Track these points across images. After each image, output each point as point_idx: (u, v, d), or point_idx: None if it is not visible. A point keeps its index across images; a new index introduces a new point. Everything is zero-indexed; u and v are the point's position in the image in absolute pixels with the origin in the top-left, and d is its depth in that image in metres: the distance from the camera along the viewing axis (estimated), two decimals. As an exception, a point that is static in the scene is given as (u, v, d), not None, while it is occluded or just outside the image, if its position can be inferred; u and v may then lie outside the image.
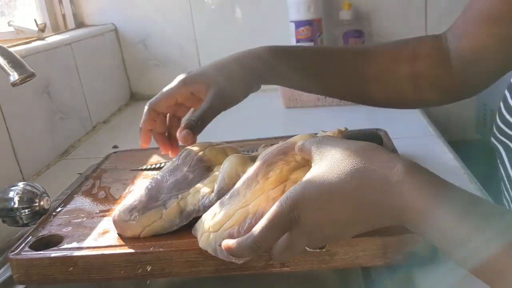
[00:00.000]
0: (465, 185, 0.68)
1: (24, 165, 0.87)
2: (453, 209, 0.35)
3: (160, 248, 0.52)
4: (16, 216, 0.61)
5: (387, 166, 0.38)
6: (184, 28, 1.30)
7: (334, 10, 1.24)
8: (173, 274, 0.53)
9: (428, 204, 0.36)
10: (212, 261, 0.51)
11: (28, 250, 0.55)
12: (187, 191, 0.56)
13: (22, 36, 1.11)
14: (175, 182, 0.58)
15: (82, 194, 0.69)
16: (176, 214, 0.55)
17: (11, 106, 0.85)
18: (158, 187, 0.58)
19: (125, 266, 0.53)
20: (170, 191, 0.57)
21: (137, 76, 1.36)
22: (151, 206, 0.56)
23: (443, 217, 0.35)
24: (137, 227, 0.55)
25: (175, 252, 0.52)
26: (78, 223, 0.60)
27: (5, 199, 0.61)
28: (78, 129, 1.09)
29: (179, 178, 0.58)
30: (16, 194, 0.61)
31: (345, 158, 0.40)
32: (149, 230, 0.55)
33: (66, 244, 0.56)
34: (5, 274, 0.60)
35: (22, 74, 0.62)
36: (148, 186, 0.58)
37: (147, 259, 0.52)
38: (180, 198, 0.56)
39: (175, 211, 0.55)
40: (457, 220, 0.35)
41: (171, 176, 0.59)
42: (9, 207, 0.60)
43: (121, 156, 0.83)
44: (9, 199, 0.61)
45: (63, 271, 0.53)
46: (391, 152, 0.43)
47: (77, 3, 1.29)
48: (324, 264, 0.51)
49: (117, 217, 0.57)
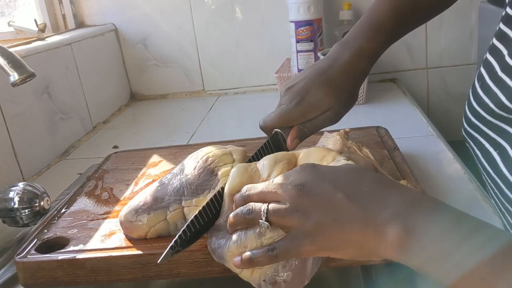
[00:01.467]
0: (465, 185, 0.68)
1: (24, 165, 0.87)
2: (435, 227, 0.36)
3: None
4: (16, 216, 0.61)
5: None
6: (184, 28, 1.30)
7: (334, 10, 1.24)
8: (181, 275, 0.53)
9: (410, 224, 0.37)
10: None
11: (34, 253, 0.55)
12: (190, 200, 0.57)
13: (22, 36, 1.11)
14: (179, 185, 0.58)
15: (85, 195, 0.69)
16: (180, 219, 0.56)
17: (11, 106, 0.85)
18: (163, 189, 0.58)
19: (132, 268, 0.53)
20: (175, 194, 0.57)
21: (137, 76, 1.37)
22: (156, 207, 0.56)
23: (425, 237, 0.35)
24: (143, 228, 0.55)
25: (183, 253, 0.51)
26: (83, 225, 0.60)
27: (5, 199, 0.61)
28: (78, 129, 1.09)
29: (183, 182, 0.58)
30: (16, 194, 0.61)
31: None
32: (154, 230, 0.55)
33: (72, 246, 0.56)
34: (5, 275, 0.60)
35: (22, 74, 0.62)
36: (153, 188, 0.59)
37: (155, 261, 0.52)
38: (184, 207, 0.56)
39: (179, 217, 0.56)
40: (440, 237, 0.35)
41: (176, 179, 0.59)
42: (9, 207, 0.60)
43: (122, 156, 0.83)
44: (9, 199, 0.61)
45: (70, 274, 0.53)
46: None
47: (77, 3, 1.29)
48: (334, 263, 0.50)
49: (123, 218, 0.57)
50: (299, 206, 0.42)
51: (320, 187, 0.42)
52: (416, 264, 0.37)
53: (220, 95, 1.35)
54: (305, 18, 1.13)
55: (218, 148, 0.62)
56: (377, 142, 0.74)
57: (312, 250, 0.42)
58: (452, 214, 0.37)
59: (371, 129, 0.80)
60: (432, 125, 0.94)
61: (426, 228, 0.36)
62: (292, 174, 0.44)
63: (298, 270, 0.45)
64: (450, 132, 1.03)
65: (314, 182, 0.42)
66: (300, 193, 0.42)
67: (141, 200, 0.57)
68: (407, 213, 0.37)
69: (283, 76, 1.11)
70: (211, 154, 0.61)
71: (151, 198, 0.57)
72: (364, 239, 0.39)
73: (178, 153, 0.80)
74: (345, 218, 0.39)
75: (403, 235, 0.36)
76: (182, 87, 1.36)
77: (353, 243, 0.40)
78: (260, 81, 1.32)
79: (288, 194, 0.43)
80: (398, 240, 0.36)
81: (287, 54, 1.25)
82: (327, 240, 0.41)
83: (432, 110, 1.33)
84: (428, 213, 0.37)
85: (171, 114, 1.23)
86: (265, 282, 0.45)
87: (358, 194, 0.40)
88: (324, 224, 0.40)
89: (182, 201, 0.56)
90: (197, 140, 0.95)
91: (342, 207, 0.40)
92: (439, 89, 1.30)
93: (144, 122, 1.19)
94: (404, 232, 0.36)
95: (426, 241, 0.36)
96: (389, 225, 0.37)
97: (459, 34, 1.26)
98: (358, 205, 0.39)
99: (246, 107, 1.24)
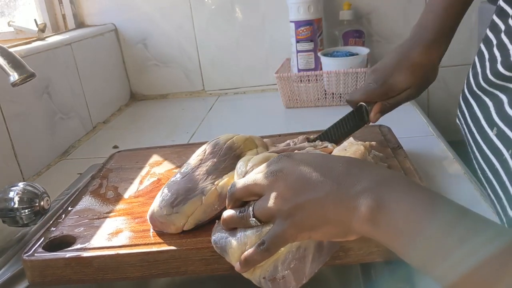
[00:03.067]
0: (465, 185, 0.69)
1: (24, 165, 0.87)
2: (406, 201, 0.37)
3: (176, 247, 0.53)
4: (16, 216, 0.61)
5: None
6: (184, 28, 1.30)
7: (334, 10, 1.24)
8: (188, 273, 0.53)
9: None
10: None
11: (41, 251, 0.55)
12: (222, 180, 0.58)
13: (22, 36, 1.11)
14: (206, 172, 0.59)
15: (90, 194, 0.69)
16: (215, 198, 0.57)
17: (11, 106, 0.85)
18: (191, 179, 0.59)
19: (140, 266, 0.53)
20: (205, 180, 0.58)
21: (137, 76, 1.37)
22: (190, 196, 0.57)
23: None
24: (180, 218, 0.55)
25: (190, 251, 0.52)
26: (89, 223, 0.60)
27: (5, 199, 0.61)
28: (78, 129, 1.09)
29: (209, 168, 0.60)
30: (16, 194, 0.61)
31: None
32: (192, 219, 0.56)
33: (79, 244, 0.56)
34: (5, 275, 0.60)
35: (22, 74, 0.62)
36: (179, 181, 0.59)
37: (163, 258, 0.53)
38: (216, 184, 0.57)
39: (214, 195, 0.57)
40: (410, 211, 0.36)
41: (201, 167, 0.60)
42: (9, 207, 0.60)
43: (125, 155, 0.83)
44: (9, 199, 0.61)
45: (78, 272, 0.53)
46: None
47: (77, 3, 1.29)
48: (339, 260, 0.51)
49: (156, 213, 0.57)
50: (277, 191, 0.43)
51: (296, 170, 0.43)
52: (387, 239, 0.37)
53: (220, 95, 1.35)
54: (305, 18, 1.13)
55: (236, 135, 0.64)
56: (380, 140, 0.74)
57: (294, 233, 0.43)
58: (424, 192, 0.38)
59: (374, 127, 0.80)
60: (432, 125, 0.94)
61: (396, 202, 0.37)
62: (271, 163, 0.46)
63: (297, 268, 0.46)
64: (450, 132, 1.03)
65: (290, 166, 0.44)
66: (276, 178, 0.44)
67: (172, 194, 0.58)
68: (379, 187, 0.38)
69: (283, 76, 1.11)
70: (235, 140, 0.63)
71: (183, 189, 0.58)
72: (339, 215, 0.40)
73: (182, 152, 0.81)
74: (321, 195, 0.41)
75: (374, 207, 0.37)
76: (182, 87, 1.36)
77: (331, 221, 0.41)
78: (260, 81, 1.32)
79: (266, 182, 0.44)
80: (369, 212, 0.37)
81: (287, 54, 1.25)
82: (305, 219, 0.42)
83: (432, 110, 1.33)
84: (400, 189, 0.38)
85: (171, 114, 1.23)
86: (264, 280, 0.46)
87: (332, 172, 0.41)
88: (301, 204, 0.42)
89: (213, 182, 0.58)
90: (197, 140, 0.95)
91: (318, 184, 0.41)
92: (439, 89, 1.30)
93: (144, 122, 1.19)
94: (375, 205, 0.37)
95: (396, 214, 0.36)
96: (361, 198, 0.38)
97: (459, 34, 1.23)
98: (332, 181, 0.41)
99: (246, 107, 1.24)
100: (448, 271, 0.33)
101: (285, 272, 0.45)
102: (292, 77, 1.11)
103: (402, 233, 0.36)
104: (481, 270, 0.31)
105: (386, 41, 1.28)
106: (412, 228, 0.35)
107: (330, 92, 1.11)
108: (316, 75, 1.11)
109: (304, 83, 1.11)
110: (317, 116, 1.07)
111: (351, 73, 1.06)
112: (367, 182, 0.39)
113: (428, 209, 0.36)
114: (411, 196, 0.37)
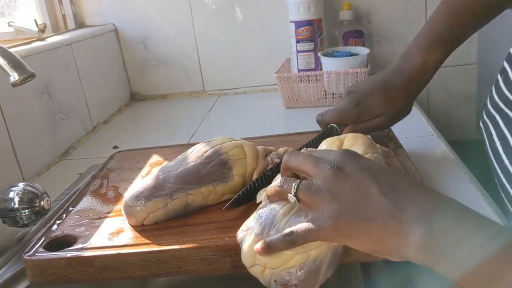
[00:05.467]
0: (465, 185, 0.68)
1: (24, 165, 0.87)
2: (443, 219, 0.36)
3: (177, 246, 0.53)
4: (16, 216, 0.61)
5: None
6: (184, 28, 1.30)
7: (334, 10, 1.24)
8: (189, 272, 0.53)
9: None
10: (229, 258, 0.52)
11: (42, 251, 0.55)
12: (198, 189, 0.58)
13: (22, 36, 1.11)
14: (185, 173, 0.59)
15: (91, 194, 0.69)
16: (181, 206, 0.57)
17: (11, 106, 0.85)
18: (165, 176, 0.59)
19: (142, 265, 0.53)
20: (179, 181, 0.58)
21: (137, 76, 1.37)
22: (157, 194, 0.57)
23: (434, 228, 0.36)
24: (141, 214, 0.57)
25: (192, 250, 0.52)
26: (90, 223, 0.60)
27: (5, 199, 0.61)
28: (78, 130, 1.09)
29: (189, 168, 0.59)
30: (16, 195, 0.61)
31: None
32: (152, 216, 0.57)
33: (80, 244, 0.56)
34: (5, 275, 0.60)
35: (22, 75, 0.62)
36: (155, 175, 0.60)
37: (164, 258, 0.53)
38: (189, 194, 0.58)
39: (181, 204, 0.57)
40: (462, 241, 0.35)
41: (180, 166, 0.60)
42: (9, 207, 0.60)
43: (126, 155, 0.84)
44: (9, 200, 0.60)
45: (79, 271, 0.54)
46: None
47: (77, 4, 1.29)
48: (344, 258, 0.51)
49: (124, 203, 0.59)
50: (331, 187, 0.42)
51: (357, 175, 0.41)
52: (436, 267, 0.37)
53: (220, 95, 1.35)
54: (305, 18, 1.13)
55: (229, 139, 0.64)
56: (381, 140, 0.74)
57: (332, 235, 0.41)
58: (475, 218, 0.37)
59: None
60: (432, 125, 0.94)
61: (449, 231, 0.36)
62: (333, 154, 0.44)
63: (312, 273, 0.44)
64: (450, 132, 1.03)
65: (352, 168, 0.42)
66: (336, 175, 0.42)
67: (142, 187, 0.59)
68: (432, 215, 0.37)
69: (283, 76, 1.11)
70: (224, 146, 0.62)
71: (152, 185, 0.58)
72: (385, 234, 0.39)
73: (182, 152, 0.80)
74: (372, 209, 0.39)
75: (426, 236, 0.36)
76: (182, 87, 1.36)
77: (374, 236, 0.39)
78: (260, 81, 1.32)
79: (324, 173, 0.43)
80: (421, 240, 0.37)
81: (287, 54, 1.25)
82: (349, 227, 0.40)
83: (432, 110, 1.33)
84: (452, 217, 0.37)
85: (171, 114, 1.23)
86: (276, 283, 0.45)
87: (392, 190, 0.40)
88: (350, 210, 0.40)
89: (187, 189, 0.58)
90: (197, 140, 0.95)
91: (373, 198, 0.40)
92: (439, 89, 1.30)
93: (144, 122, 1.19)
94: (427, 233, 0.36)
95: (448, 244, 0.36)
96: (414, 224, 0.37)
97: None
98: (388, 200, 0.39)
99: (246, 107, 1.24)
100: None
101: (298, 281, 0.44)
102: (292, 77, 1.11)
103: (453, 262, 0.35)
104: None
105: (386, 41, 1.28)
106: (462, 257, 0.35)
107: (330, 92, 1.11)
108: (316, 75, 1.11)
109: (304, 83, 1.12)
110: (317, 116, 1.07)
111: (351, 73, 1.06)
112: (422, 209, 0.38)
113: (478, 236, 0.35)
114: (463, 222, 0.37)
